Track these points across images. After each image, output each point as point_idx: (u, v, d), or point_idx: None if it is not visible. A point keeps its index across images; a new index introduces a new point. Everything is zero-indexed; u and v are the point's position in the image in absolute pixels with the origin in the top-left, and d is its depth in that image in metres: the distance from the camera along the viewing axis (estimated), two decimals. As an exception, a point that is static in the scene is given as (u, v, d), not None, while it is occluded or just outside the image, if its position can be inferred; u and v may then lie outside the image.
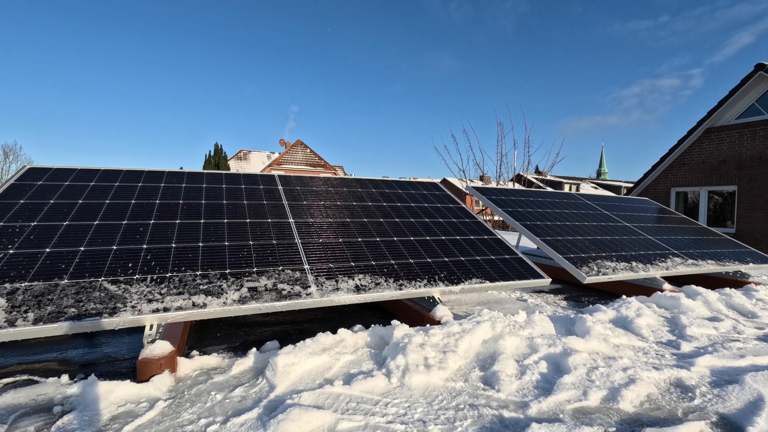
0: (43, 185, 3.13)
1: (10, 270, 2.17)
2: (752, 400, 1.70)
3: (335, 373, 1.88)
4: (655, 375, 1.93)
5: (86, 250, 2.44)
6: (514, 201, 4.75)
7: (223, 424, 1.51)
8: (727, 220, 10.62)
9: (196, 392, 1.77)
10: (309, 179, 4.23)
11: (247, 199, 3.45)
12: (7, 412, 1.63)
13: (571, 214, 4.76)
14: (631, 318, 2.71)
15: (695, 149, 11.08)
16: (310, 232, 3.12)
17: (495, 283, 2.90)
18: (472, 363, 2.03)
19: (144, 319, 2.00)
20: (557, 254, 3.60)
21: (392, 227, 3.45)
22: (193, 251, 2.59)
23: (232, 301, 2.20)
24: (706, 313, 3.03)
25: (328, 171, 31.99)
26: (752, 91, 10.02)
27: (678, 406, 1.70)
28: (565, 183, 42.10)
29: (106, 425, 1.52)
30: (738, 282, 4.27)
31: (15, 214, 2.68)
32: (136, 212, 2.95)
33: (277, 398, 1.68)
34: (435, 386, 1.80)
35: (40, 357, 2.28)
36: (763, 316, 3.04)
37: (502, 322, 2.31)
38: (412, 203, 4.06)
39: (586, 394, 1.72)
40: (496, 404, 1.67)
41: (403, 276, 2.75)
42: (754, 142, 9.89)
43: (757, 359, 2.14)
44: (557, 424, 1.47)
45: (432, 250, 3.17)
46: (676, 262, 4.01)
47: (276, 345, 2.27)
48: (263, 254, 2.69)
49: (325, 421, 1.50)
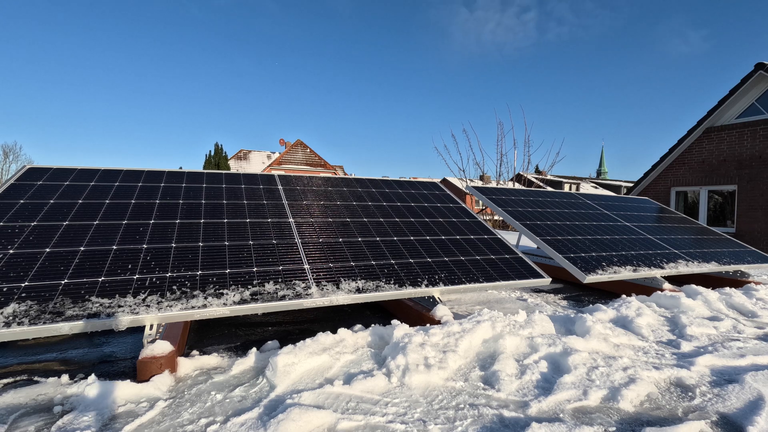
0: (43, 185, 3.13)
1: (10, 270, 2.17)
2: (752, 399, 1.70)
3: (335, 373, 1.88)
4: (655, 374, 1.93)
5: (86, 250, 2.44)
6: (514, 200, 4.75)
7: (224, 423, 1.51)
8: (727, 220, 10.62)
9: (196, 392, 1.77)
10: (309, 179, 4.23)
11: (247, 199, 3.45)
12: (8, 412, 1.64)
13: (571, 213, 4.76)
14: (631, 317, 2.71)
15: (695, 149, 11.08)
16: (310, 231, 3.12)
17: (495, 282, 2.90)
18: (472, 362, 2.03)
19: (144, 319, 2.00)
20: (557, 254, 3.60)
21: (392, 227, 3.45)
22: (193, 251, 2.59)
23: (232, 301, 2.20)
24: (706, 312, 3.03)
25: (328, 171, 31.99)
26: (752, 91, 10.03)
27: (678, 406, 1.70)
28: (565, 182, 42.11)
29: (106, 425, 1.52)
30: (738, 281, 4.27)
31: (15, 214, 2.68)
32: (136, 212, 2.95)
33: (277, 398, 1.68)
34: (435, 386, 1.80)
35: (40, 357, 2.28)
36: (763, 315, 3.04)
37: (502, 322, 2.31)
38: (412, 203, 4.06)
39: (586, 394, 1.72)
40: (496, 404, 1.67)
41: (403, 276, 2.75)
42: (754, 142, 9.89)
43: (757, 359, 2.14)
44: (557, 424, 1.47)
45: (432, 250, 3.17)
46: (676, 261, 4.01)
47: (276, 345, 2.27)
48: (263, 254, 2.69)
49: (326, 421, 1.50)
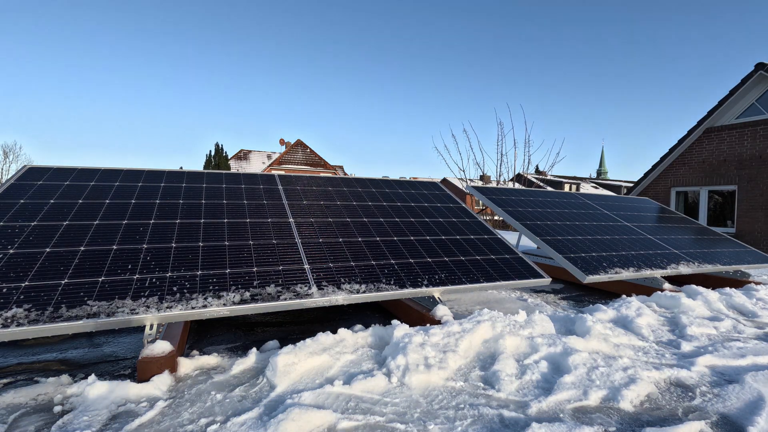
0: (43, 185, 3.13)
1: (10, 270, 2.17)
2: (752, 399, 1.70)
3: (335, 373, 1.88)
4: (656, 374, 1.93)
5: (86, 250, 2.44)
6: (514, 200, 4.75)
7: (224, 423, 1.51)
8: (727, 220, 10.62)
9: (196, 392, 1.77)
10: (309, 179, 4.23)
11: (248, 199, 3.45)
12: (7, 412, 1.64)
13: (571, 213, 4.76)
14: (631, 317, 2.71)
15: (695, 149, 11.08)
16: (310, 231, 3.12)
17: (495, 282, 2.89)
18: (473, 362, 2.03)
19: (144, 318, 2.00)
20: (557, 254, 3.60)
21: (392, 227, 3.45)
22: (193, 251, 2.59)
23: (232, 301, 2.20)
24: (706, 312, 3.03)
25: (328, 171, 32.00)
26: (752, 91, 10.03)
27: (678, 406, 1.70)
28: (565, 183, 42.09)
29: (106, 425, 1.52)
30: (738, 281, 4.27)
31: (15, 214, 2.68)
32: (136, 212, 2.95)
33: (277, 398, 1.68)
34: (435, 386, 1.80)
35: (40, 357, 2.28)
36: (764, 315, 3.03)
37: (502, 322, 2.31)
38: (413, 203, 4.06)
39: (587, 394, 1.72)
40: (496, 404, 1.67)
41: (404, 276, 2.75)
42: (754, 142, 9.89)
43: (757, 359, 2.14)
44: (557, 424, 1.47)
45: (432, 250, 3.17)
46: (677, 261, 4.00)
47: (276, 345, 2.27)
48: (263, 254, 2.69)
49: (326, 421, 1.50)
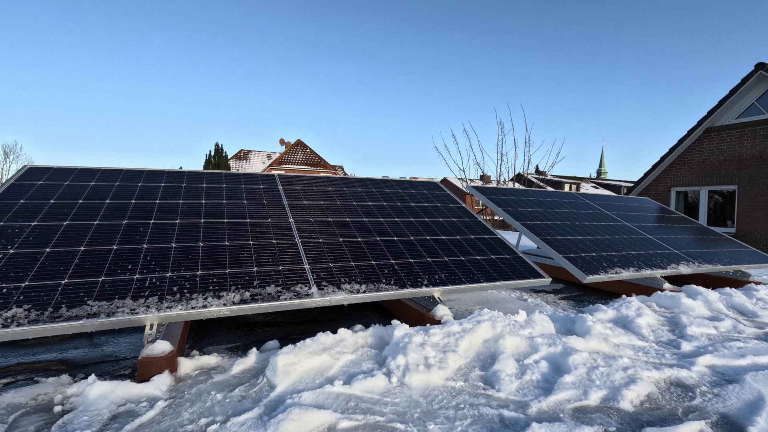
0: (43, 185, 3.13)
1: (10, 270, 2.17)
2: (753, 399, 1.70)
3: (335, 373, 1.88)
4: (656, 374, 1.93)
5: (86, 250, 2.43)
6: (514, 200, 4.75)
7: (224, 423, 1.51)
8: (727, 220, 10.61)
9: (196, 392, 1.77)
10: (309, 179, 4.23)
11: (248, 199, 3.45)
12: (7, 412, 1.64)
13: (571, 213, 4.76)
14: (631, 317, 2.70)
15: (695, 149, 11.08)
16: (310, 231, 3.12)
17: (495, 282, 2.89)
18: (473, 362, 2.03)
19: (144, 318, 2.00)
20: (557, 254, 3.60)
21: (392, 227, 3.45)
22: (193, 251, 2.59)
23: (232, 301, 2.20)
24: (706, 312, 3.03)
25: (328, 170, 31.98)
26: (752, 91, 10.02)
27: (678, 406, 1.70)
28: (565, 182, 42.07)
29: (106, 425, 1.52)
30: (738, 281, 4.27)
31: (15, 214, 2.68)
32: (136, 212, 2.95)
33: (277, 397, 1.68)
34: (435, 386, 1.80)
35: (40, 357, 2.28)
36: (764, 315, 3.03)
37: (502, 322, 2.31)
38: (413, 203, 4.06)
39: (587, 394, 1.72)
40: (496, 404, 1.67)
41: (404, 276, 2.75)
42: (754, 142, 9.89)
43: (757, 359, 2.14)
44: (557, 424, 1.47)
45: (432, 250, 3.17)
46: (677, 261, 4.00)
47: (276, 345, 2.27)
48: (263, 254, 2.69)
49: (326, 421, 1.50)
